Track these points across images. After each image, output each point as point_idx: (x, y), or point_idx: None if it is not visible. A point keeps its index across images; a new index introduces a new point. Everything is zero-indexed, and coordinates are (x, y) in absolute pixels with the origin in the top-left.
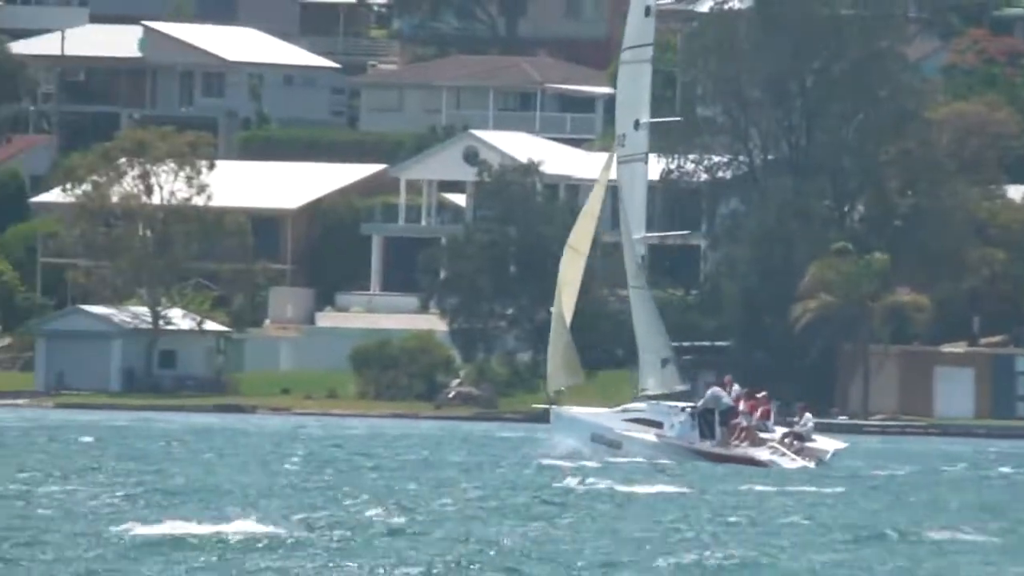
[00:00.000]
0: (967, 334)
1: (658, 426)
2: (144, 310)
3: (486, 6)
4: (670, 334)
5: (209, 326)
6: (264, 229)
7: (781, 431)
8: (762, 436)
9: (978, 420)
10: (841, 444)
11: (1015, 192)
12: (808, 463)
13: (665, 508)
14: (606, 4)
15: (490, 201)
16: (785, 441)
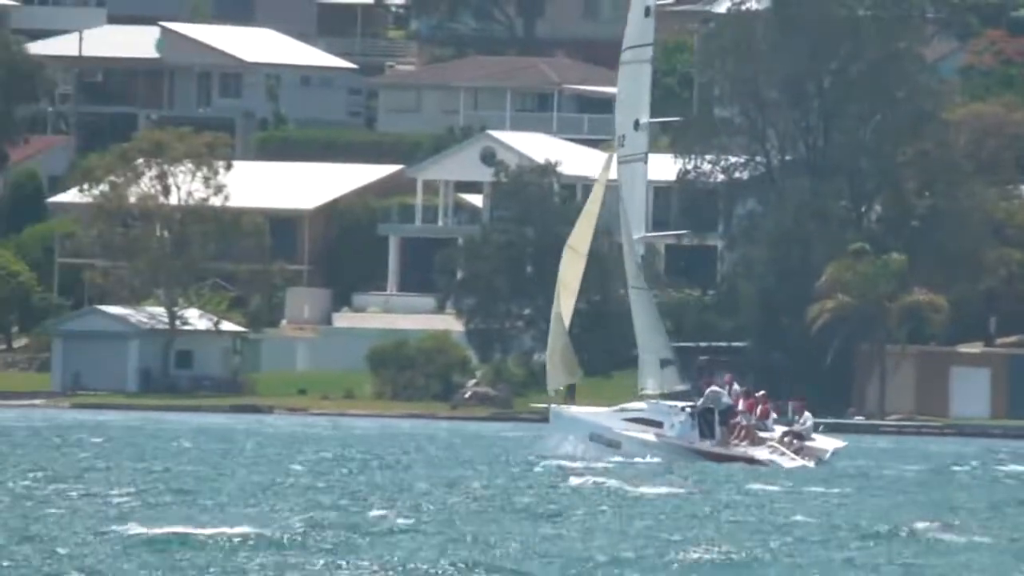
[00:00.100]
0: (983, 334)
1: (658, 426)
2: (161, 310)
3: (504, 7)
4: (687, 334)
5: (226, 326)
6: (281, 230)
7: (780, 430)
8: (761, 435)
9: (994, 420)
10: (840, 443)
11: None
12: (807, 462)
13: (672, 507)
14: (624, 5)
15: (507, 202)
16: (784, 440)
